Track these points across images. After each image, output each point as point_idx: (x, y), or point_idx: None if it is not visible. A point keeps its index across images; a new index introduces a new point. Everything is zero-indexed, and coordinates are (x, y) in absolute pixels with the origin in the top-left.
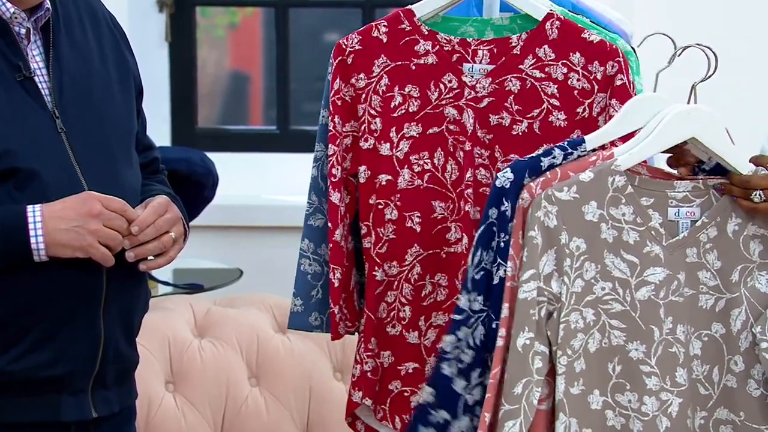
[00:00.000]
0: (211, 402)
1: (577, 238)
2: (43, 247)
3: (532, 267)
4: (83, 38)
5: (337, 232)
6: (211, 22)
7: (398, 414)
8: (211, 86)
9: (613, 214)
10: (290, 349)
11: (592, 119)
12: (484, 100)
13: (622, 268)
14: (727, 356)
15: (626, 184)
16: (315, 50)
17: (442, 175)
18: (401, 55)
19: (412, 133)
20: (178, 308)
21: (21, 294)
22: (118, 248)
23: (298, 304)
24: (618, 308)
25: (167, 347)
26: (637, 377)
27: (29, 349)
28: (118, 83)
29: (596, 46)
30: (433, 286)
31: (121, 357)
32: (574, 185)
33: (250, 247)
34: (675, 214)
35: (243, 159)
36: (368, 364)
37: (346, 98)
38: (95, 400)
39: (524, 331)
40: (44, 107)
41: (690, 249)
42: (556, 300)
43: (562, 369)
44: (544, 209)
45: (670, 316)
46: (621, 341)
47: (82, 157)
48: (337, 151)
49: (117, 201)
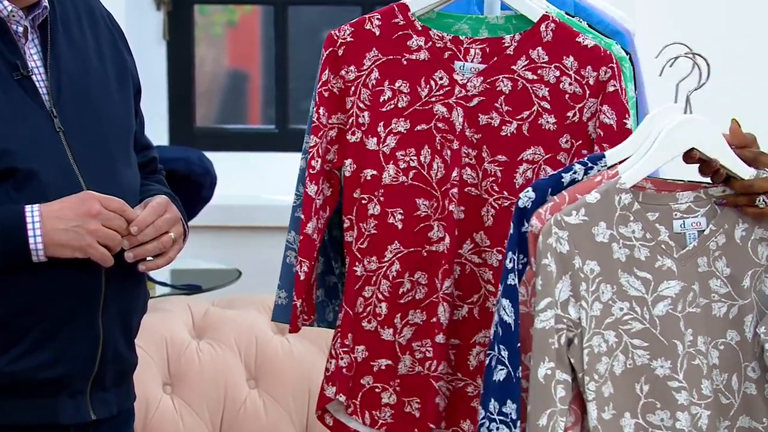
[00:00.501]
0: (210, 404)
1: (590, 261)
2: (41, 247)
3: (548, 295)
4: (81, 37)
5: (310, 225)
6: (209, 20)
7: (368, 409)
8: (210, 85)
9: (623, 232)
10: (289, 350)
11: (582, 124)
12: (474, 99)
13: (636, 285)
14: (743, 363)
15: (632, 201)
16: (314, 48)
17: (427, 172)
18: (393, 50)
19: (399, 129)
20: (176, 309)
21: (19, 294)
22: (117, 248)
23: (282, 297)
24: (638, 327)
25: (165, 349)
26: (667, 394)
27: (28, 350)
28: (116, 82)
29: (590, 51)
30: (412, 284)
31: (120, 358)
32: (582, 208)
33: (248, 247)
34: (680, 226)
35: (242, 158)
36: (344, 360)
37: (334, 90)
38: (93, 401)
39: (544, 361)
40: (42, 106)
41: (701, 258)
42: (576, 326)
43: (591, 395)
44: (555, 235)
45: (690, 328)
46: (645, 360)
47: (81, 157)
48: (319, 143)
49: (116, 201)
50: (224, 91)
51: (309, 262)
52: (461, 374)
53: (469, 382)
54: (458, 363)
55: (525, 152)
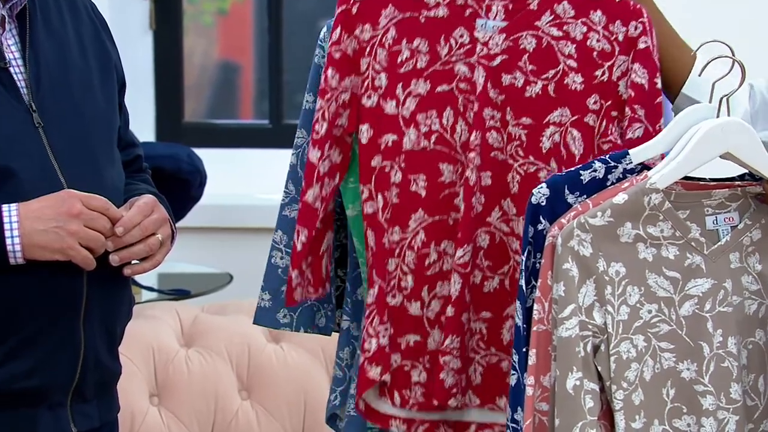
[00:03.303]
0: (199, 417)
1: (615, 263)
2: (19, 249)
3: (571, 301)
4: (61, 27)
5: (310, 192)
6: (198, 9)
7: (398, 389)
8: (199, 77)
9: (650, 232)
10: (284, 359)
11: (612, 84)
12: (497, 58)
13: (665, 286)
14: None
15: (663, 200)
16: (310, 38)
17: (450, 136)
18: (410, 6)
19: (419, 91)
20: (164, 316)
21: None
22: (101, 250)
23: (265, 299)
24: (666, 329)
25: (151, 358)
26: (693, 398)
27: (4, 359)
28: (99, 75)
29: (619, 5)
30: (439, 255)
31: (103, 367)
32: (608, 209)
33: (240, 250)
34: (713, 222)
35: (233, 155)
36: (384, 338)
37: (347, 51)
38: (74, 414)
39: (572, 371)
40: (20, 100)
41: (733, 254)
42: (602, 332)
43: (619, 404)
44: (577, 238)
45: (720, 328)
46: (671, 363)
47: (61, 154)
48: (325, 107)
49: (99, 199)
50: (214, 84)
51: (308, 231)
52: (495, 348)
53: (504, 357)
54: (491, 337)
55: (551, 114)
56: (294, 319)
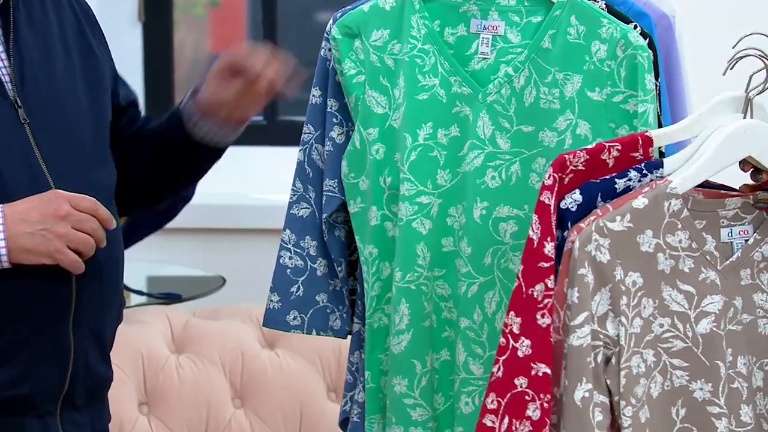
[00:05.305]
0: (190, 426)
1: (633, 273)
2: (5, 252)
3: (585, 309)
4: (44, 20)
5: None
6: (189, 0)
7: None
8: (190, 71)
9: (669, 241)
10: (279, 366)
11: None
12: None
13: (679, 300)
14: None
15: (682, 207)
16: (306, 31)
17: None
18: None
19: None
20: (153, 321)
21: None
22: (90, 253)
23: (274, 300)
24: (679, 345)
25: (141, 364)
26: (705, 420)
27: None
28: (82, 73)
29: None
30: None
31: (93, 374)
32: (627, 213)
33: (234, 252)
34: (728, 235)
35: (226, 153)
36: None
37: None
38: (64, 423)
39: (582, 382)
40: (4, 95)
41: (744, 270)
42: (614, 344)
43: (627, 421)
44: (595, 242)
45: (730, 348)
46: (684, 381)
47: (49, 152)
48: None
49: (87, 199)
50: None
51: None
52: None
53: None
54: None
55: None
56: (305, 322)
